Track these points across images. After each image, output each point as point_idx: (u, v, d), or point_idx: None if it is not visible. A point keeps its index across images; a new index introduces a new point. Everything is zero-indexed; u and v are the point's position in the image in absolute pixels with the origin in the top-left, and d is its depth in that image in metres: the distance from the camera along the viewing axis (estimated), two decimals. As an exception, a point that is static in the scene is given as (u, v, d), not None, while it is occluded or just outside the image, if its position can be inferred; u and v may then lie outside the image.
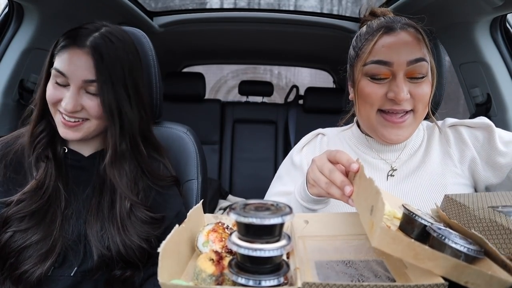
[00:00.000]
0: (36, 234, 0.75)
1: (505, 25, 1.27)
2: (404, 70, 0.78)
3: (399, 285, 0.41)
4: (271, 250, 0.41)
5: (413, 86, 0.79)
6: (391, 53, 0.78)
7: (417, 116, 0.81)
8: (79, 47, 0.77)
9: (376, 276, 0.48)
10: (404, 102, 0.78)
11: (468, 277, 0.41)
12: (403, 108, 0.79)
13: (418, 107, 0.80)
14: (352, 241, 0.59)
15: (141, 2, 1.73)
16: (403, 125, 0.81)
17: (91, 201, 0.82)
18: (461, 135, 0.87)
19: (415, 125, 0.83)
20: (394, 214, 0.57)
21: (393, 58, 0.78)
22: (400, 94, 0.77)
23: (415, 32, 0.81)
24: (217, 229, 0.56)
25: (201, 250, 0.54)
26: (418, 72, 0.78)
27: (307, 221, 0.63)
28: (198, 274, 0.46)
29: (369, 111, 0.83)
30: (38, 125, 0.85)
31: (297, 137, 2.52)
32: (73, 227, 0.79)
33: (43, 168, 0.81)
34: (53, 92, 0.79)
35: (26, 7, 1.19)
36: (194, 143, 1.08)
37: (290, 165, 0.97)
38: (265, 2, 2.09)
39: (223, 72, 6.14)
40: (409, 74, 0.78)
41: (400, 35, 0.80)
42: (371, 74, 0.80)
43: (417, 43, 0.79)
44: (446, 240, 0.44)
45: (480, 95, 1.33)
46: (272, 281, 0.41)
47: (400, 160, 0.89)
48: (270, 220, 0.41)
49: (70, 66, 0.76)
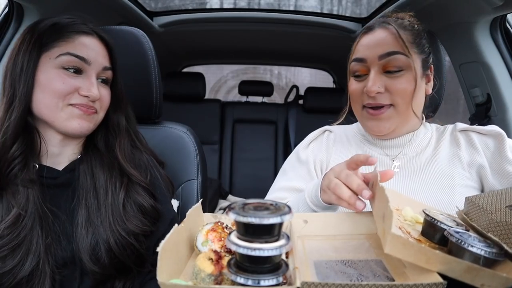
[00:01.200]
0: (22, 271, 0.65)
1: (505, 25, 1.27)
2: (378, 64, 0.82)
3: (398, 284, 0.41)
4: (270, 250, 0.41)
5: (389, 80, 0.81)
6: (365, 50, 0.84)
7: (398, 110, 0.83)
8: (90, 34, 0.74)
9: (375, 275, 0.48)
10: (380, 96, 0.82)
11: (483, 280, 0.41)
12: (380, 102, 0.82)
13: (396, 101, 0.82)
14: (351, 241, 0.59)
15: (141, 2, 1.73)
16: (382, 117, 0.84)
17: (77, 213, 0.73)
18: (472, 140, 0.87)
19: (397, 119, 0.85)
20: (417, 219, 0.58)
21: (366, 54, 0.83)
22: (369, 87, 0.81)
23: (393, 27, 0.83)
24: (216, 229, 0.56)
25: (200, 250, 0.54)
26: (392, 66, 0.81)
27: (306, 220, 0.63)
28: (197, 274, 0.46)
29: (356, 108, 0.89)
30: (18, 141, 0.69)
31: (297, 137, 2.52)
32: (63, 252, 0.70)
33: (23, 194, 0.68)
34: (68, 80, 0.70)
35: (26, 7, 1.19)
36: (194, 143, 1.08)
37: (296, 161, 0.97)
38: (265, 2, 2.09)
39: (223, 72, 6.13)
40: (384, 68, 0.82)
41: (376, 33, 0.84)
42: (353, 72, 0.87)
43: (392, 38, 0.82)
44: (465, 244, 0.44)
45: (480, 95, 1.33)
46: (271, 280, 0.41)
47: (406, 156, 0.90)
48: (269, 220, 0.41)
49: (90, 51, 0.73)
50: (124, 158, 0.79)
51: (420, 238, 0.53)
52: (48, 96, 0.70)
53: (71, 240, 0.71)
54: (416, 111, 0.86)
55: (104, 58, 0.76)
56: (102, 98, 0.76)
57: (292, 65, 3.97)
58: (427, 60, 0.86)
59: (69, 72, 0.71)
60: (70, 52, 0.70)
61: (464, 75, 1.39)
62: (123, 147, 0.80)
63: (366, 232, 0.61)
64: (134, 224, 0.73)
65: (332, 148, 0.97)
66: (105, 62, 0.76)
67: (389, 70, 0.81)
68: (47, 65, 0.71)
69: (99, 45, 0.76)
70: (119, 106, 0.82)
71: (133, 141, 0.85)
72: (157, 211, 0.79)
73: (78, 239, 0.71)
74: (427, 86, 0.88)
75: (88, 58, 0.72)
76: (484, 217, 0.53)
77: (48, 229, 0.69)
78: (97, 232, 0.71)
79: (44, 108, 0.71)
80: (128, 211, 0.74)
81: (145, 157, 0.85)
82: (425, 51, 0.86)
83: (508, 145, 0.84)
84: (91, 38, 0.75)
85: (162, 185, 0.86)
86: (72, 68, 0.71)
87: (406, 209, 0.60)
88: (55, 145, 0.75)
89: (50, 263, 0.68)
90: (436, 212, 0.55)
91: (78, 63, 0.71)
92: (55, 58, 0.70)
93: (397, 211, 0.60)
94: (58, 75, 0.70)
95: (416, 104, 0.85)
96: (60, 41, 0.71)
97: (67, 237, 0.71)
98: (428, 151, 0.90)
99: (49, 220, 0.70)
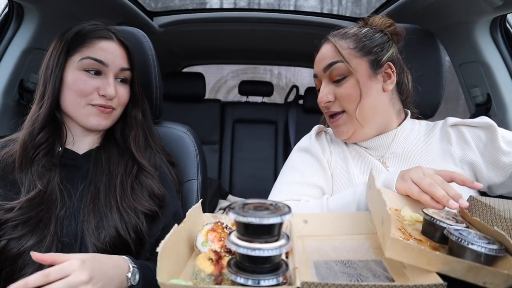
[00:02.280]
0: (30, 240, 0.73)
1: (505, 25, 1.27)
2: (325, 76, 0.89)
3: (397, 285, 0.41)
4: (270, 250, 0.41)
5: (337, 88, 0.87)
6: (316, 66, 0.92)
7: (350, 114, 0.87)
8: (110, 38, 0.84)
9: (375, 276, 0.48)
10: (331, 104, 0.88)
11: (485, 278, 0.41)
12: (332, 110, 0.89)
13: (346, 106, 0.87)
14: (351, 241, 0.59)
15: (141, 2, 1.73)
16: (339, 123, 0.90)
17: (87, 195, 0.80)
18: (463, 135, 0.87)
19: (352, 122, 0.88)
20: (416, 218, 0.58)
21: (316, 70, 0.92)
22: (319, 97, 0.89)
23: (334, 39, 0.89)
24: (216, 229, 0.56)
25: (200, 250, 0.54)
26: (335, 75, 0.87)
27: (306, 220, 0.63)
28: (197, 274, 0.46)
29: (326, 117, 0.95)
30: (44, 130, 0.81)
31: (297, 137, 2.52)
32: (67, 228, 0.77)
33: (46, 175, 0.79)
34: (89, 81, 0.81)
35: (26, 7, 1.19)
36: (194, 143, 1.08)
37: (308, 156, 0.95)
38: (265, 2, 2.09)
39: (223, 72, 6.13)
40: (331, 78, 0.88)
41: (321, 49, 0.92)
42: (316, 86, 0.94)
43: (332, 49, 0.88)
44: (465, 242, 0.44)
45: (480, 95, 1.33)
46: (271, 280, 0.41)
47: (394, 155, 0.90)
48: (269, 220, 0.41)
49: (108, 54, 0.83)
50: (137, 149, 0.89)
51: (421, 237, 0.53)
52: (73, 94, 0.82)
53: (77, 215, 0.79)
54: (370, 113, 0.86)
55: (122, 59, 0.86)
56: (119, 96, 0.86)
57: (292, 65, 3.97)
58: (378, 59, 0.87)
59: (90, 73, 0.82)
60: (90, 56, 0.81)
61: (464, 75, 1.39)
62: (137, 139, 0.90)
63: (366, 232, 0.61)
64: (141, 203, 0.81)
65: (330, 147, 0.98)
66: (123, 63, 0.86)
67: (335, 80, 0.87)
68: (72, 67, 0.82)
69: (117, 48, 0.85)
70: (136, 103, 0.92)
71: (147, 136, 0.94)
72: (164, 195, 0.86)
73: (85, 214, 0.78)
74: (385, 84, 0.88)
75: (106, 61, 0.82)
76: (490, 213, 0.53)
77: (62, 205, 0.78)
78: (104, 209, 0.79)
79: (69, 105, 0.83)
80: (136, 191, 0.83)
81: (157, 155, 0.93)
82: (373, 51, 0.87)
83: (500, 135, 0.83)
84: (110, 42, 0.84)
85: (170, 182, 0.93)
86: (93, 70, 0.82)
87: (405, 209, 0.60)
88: (78, 135, 0.88)
89: (56, 236, 0.75)
90: (435, 211, 0.55)
91: (97, 66, 0.82)
92: (78, 62, 0.81)
93: (396, 211, 0.60)
94: (80, 76, 0.81)
95: (370, 106, 0.86)
96: (82, 47, 0.82)
97: (74, 213, 0.79)
98: (418, 148, 0.90)
99: (65, 198, 0.79)
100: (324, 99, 0.88)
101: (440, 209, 0.58)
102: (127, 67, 0.87)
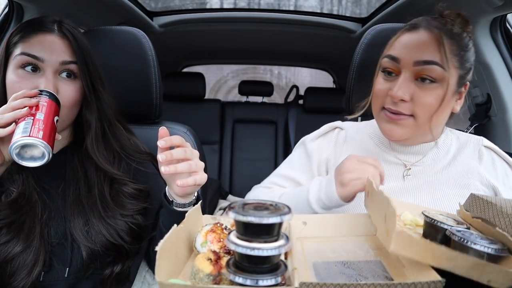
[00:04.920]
0: (17, 246, 0.70)
1: (505, 25, 1.27)
2: (411, 69, 0.75)
3: (396, 283, 0.41)
4: (269, 250, 0.41)
5: (418, 89, 0.75)
6: (403, 49, 0.77)
7: (418, 122, 0.77)
8: (49, 31, 0.75)
9: (374, 276, 0.48)
10: (402, 104, 0.76)
11: (490, 276, 0.41)
12: (400, 110, 0.76)
13: (418, 113, 0.76)
14: (350, 242, 0.59)
15: (141, 2, 1.73)
16: (399, 123, 0.78)
17: (68, 196, 0.78)
18: (495, 162, 0.85)
19: (415, 129, 0.79)
20: (416, 222, 0.58)
21: (402, 54, 0.76)
22: (395, 92, 0.75)
23: (439, 33, 0.75)
24: (216, 230, 0.56)
25: (199, 251, 0.54)
26: (426, 75, 0.74)
27: (305, 222, 0.63)
28: (196, 274, 0.46)
29: (376, 107, 0.83)
30: None
31: (297, 137, 2.52)
32: (56, 229, 0.75)
33: (19, 179, 0.74)
34: (23, 81, 0.72)
35: (26, 7, 1.19)
36: (194, 143, 1.08)
37: (303, 151, 0.96)
38: (265, 2, 2.09)
39: (223, 72, 6.13)
40: (417, 75, 0.75)
41: (420, 34, 0.77)
42: (383, 68, 0.80)
43: (434, 45, 0.74)
44: (468, 242, 0.44)
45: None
46: (270, 280, 0.41)
47: (423, 165, 0.87)
48: (269, 219, 0.41)
49: (45, 48, 0.73)
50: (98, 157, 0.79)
51: None
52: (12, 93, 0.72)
53: (63, 215, 0.77)
54: (434, 127, 0.80)
55: (63, 52, 0.75)
56: (62, 93, 0.74)
57: (292, 65, 3.98)
58: (465, 77, 0.79)
59: (26, 71, 0.73)
60: (24, 52, 0.72)
61: (464, 75, 1.39)
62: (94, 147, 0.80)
63: (365, 234, 0.62)
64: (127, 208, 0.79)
65: (342, 147, 0.92)
66: (63, 56, 0.74)
67: (421, 78, 0.75)
68: (11, 66, 0.74)
69: (57, 40, 0.75)
70: (88, 103, 0.79)
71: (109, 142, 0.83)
72: (144, 189, 0.82)
73: (69, 216, 0.76)
74: (456, 104, 0.81)
75: (41, 56, 0.72)
76: (491, 210, 0.52)
77: (44, 207, 0.75)
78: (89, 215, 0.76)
79: None
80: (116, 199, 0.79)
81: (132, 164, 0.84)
82: (466, 67, 0.78)
83: None
84: (48, 35, 0.74)
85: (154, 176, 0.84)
86: (29, 66, 0.73)
87: (405, 214, 0.60)
88: None
89: (44, 238, 0.73)
90: (435, 213, 0.55)
91: (32, 61, 0.72)
92: (14, 59, 0.73)
93: (397, 216, 0.60)
94: (17, 75, 0.73)
95: (438, 121, 0.79)
96: (20, 42, 0.73)
97: (60, 213, 0.77)
98: (446, 159, 0.86)
99: (44, 199, 0.76)
100: (400, 95, 0.74)
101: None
102: (69, 60, 0.75)
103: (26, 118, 0.66)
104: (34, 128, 0.65)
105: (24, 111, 0.65)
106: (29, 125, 0.65)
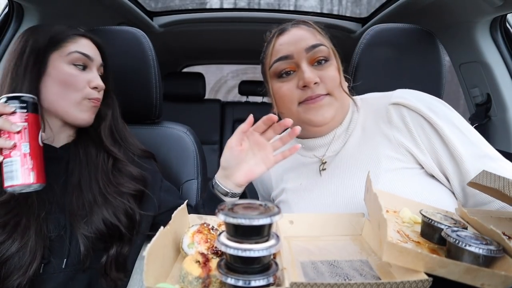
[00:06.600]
0: (12, 246, 0.70)
1: (505, 25, 1.27)
2: (305, 57, 0.81)
3: (385, 282, 0.41)
4: (260, 250, 0.41)
5: (320, 71, 0.81)
6: (288, 46, 0.83)
7: (335, 96, 0.82)
8: (85, 36, 0.84)
9: (362, 275, 0.48)
10: (316, 87, 0.80)
11: (483, 279, 0.41)
12: (317, 93, 0.80)
13: (330, 89, 0.81)
14: (336, 241, 0.60)
15: (141, 2, 1.73)
16: (322, 103, 0.80)
17: (70, 186, 0.80)
18: (405, 118, 0.78)
19: (336, 105, 0.82)
20: (415, 219, 0.58)
21: (291, 50, 0.82)
22: (307, 78, 0.79)
23: (306, 26, 0.86)
24: (202, 230, 0.56)
25: (186, 252, 0.54)
26: (319, 56, 0.81)
27: (292, 221, 0.63)
28: (184, 277, 0.45)
29: (290, 109, 0.84)
30: None
31: (297, 137, 2.51)
32: (55, 222, 0.76)
33: None
34: (80, 74, 0.80)
35: (26, 7, 1.19)
36: (194, 143, 1.08)
37: None
38: (265, 2, 2.09)
39: (223, 72, 6.13)
40: (312, 60, 0.81)
41: (292, 31, 0.85)
42: (279, 72, 0.84)
43: (310, 33, 0.84)
44: (462, 244, 0.44)
45: (480, 95, 1.33)
46: (262, 281, 0.41)
47: (334, 151, 0.86)
48: (259, 221, 0.41)
49: (91, 49, 0.83)
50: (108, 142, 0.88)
51: (420, 239, 0.53)
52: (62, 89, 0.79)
53: (63, 208, 0.78)
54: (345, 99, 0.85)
55: (99, 55, 0.86)
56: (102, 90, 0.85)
57: (292, 65, 3.97)
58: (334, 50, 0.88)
59: (79, 68, 0.81)
60: (77, 51, 0.80)
61: (464, 75, 1.39)
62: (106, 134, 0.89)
63: (351, 234, 0.62)
64: (126, 186, 0.83)
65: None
66: (100, 59, 0.86)
67: (318, 61, 0.81)
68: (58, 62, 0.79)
69: (93, 45, 0.86)
70: (107, 100, 0.90)
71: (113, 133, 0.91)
72: (145, 177, 0.88)
73: (69, 204, 0.78)
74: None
75: (91, 55, 0.83)
76: (501, 181, 0.53)
77: (42, 203, 0.76)
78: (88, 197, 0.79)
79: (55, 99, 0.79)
80: (117, 177, 0.84)
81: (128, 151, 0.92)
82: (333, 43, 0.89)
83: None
84: (87, 39, 0.85)
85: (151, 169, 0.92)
86: (80, 65, 0.81)
87: (403, 210, 0.60)
88: (55, 129, 0.84)
89: (41, 235, 0.73)
90: (433, 212, 0.55)
91: (84, 60, 0.81)
92: (66, 56, 0.80)
93: (395, 213, 0.60)
94: (70, 70, 0.80)
95: (343, 90, 0.84)
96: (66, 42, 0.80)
97: (59, 207, 0.78)
98: (355, 137, 0.84)
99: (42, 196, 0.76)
100: (313, 79, 0.78)
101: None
102: (102, 63, 0.87)
103: (12, 154, 0.64)
104: (24, 171, 0.63)
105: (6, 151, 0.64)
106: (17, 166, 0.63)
